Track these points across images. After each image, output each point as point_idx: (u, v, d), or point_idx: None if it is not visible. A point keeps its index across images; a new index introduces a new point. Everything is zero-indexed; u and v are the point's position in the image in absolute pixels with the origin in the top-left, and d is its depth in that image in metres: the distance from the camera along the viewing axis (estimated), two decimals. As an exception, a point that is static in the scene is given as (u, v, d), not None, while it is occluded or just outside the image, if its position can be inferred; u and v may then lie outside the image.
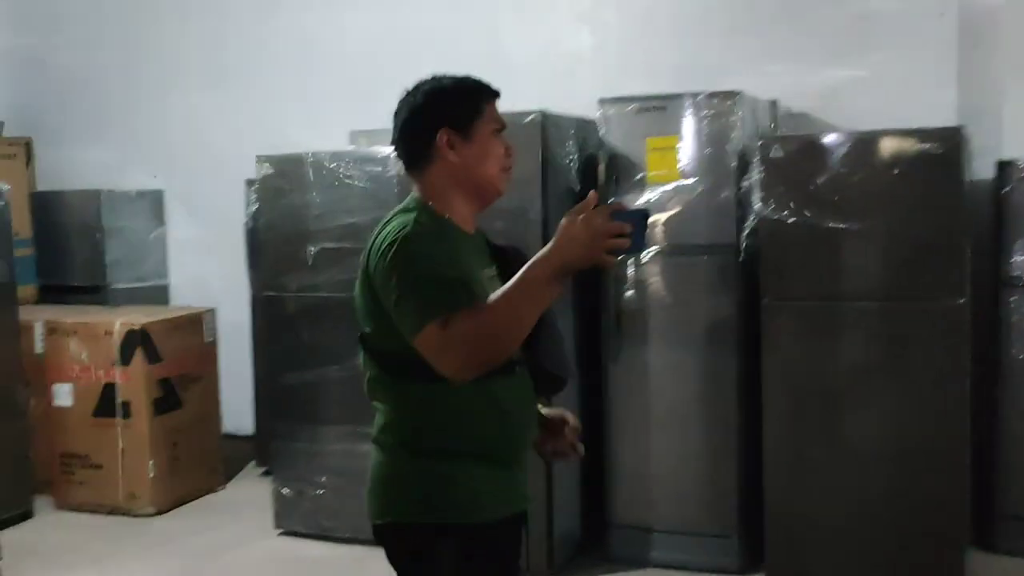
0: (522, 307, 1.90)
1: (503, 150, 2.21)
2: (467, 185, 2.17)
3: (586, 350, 4.55)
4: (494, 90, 2.24)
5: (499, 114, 2.22)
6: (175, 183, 6.51)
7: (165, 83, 6.46)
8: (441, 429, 2.09)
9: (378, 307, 2.07)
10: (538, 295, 1.90)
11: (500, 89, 2.25)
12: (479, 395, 2.06)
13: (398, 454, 2.14)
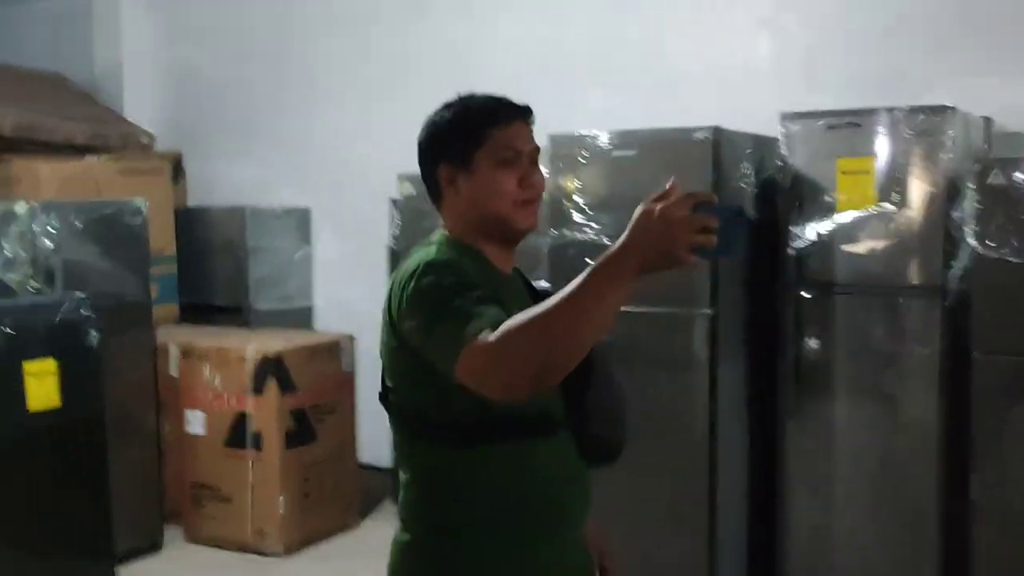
0: (584, 308, 1.55)
1: (514, 182, 1.86)
2: (478, 223, 1.90)
3: (757, 401, 4.03)
4: (509, 111, 1.91)
5: (516, 139, 1.88)
6: (322, 201, 6.25)
7: (311, 98, 6.21)
8: (469, 504, 1.83)
9: (403, 355, 1.80)
10: (604, 296, 1.55)
11: (527, 106, 1.94)
12: (512, 462, 1.82)
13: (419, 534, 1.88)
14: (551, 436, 1.85)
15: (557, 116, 4.71)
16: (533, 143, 1.92)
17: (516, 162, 1.88)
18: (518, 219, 1.88)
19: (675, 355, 3.87)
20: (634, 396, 3.84)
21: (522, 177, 1.88)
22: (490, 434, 1.80)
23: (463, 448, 1.80)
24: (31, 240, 4.41)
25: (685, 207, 1.53)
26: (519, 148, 1.89)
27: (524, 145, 1.90)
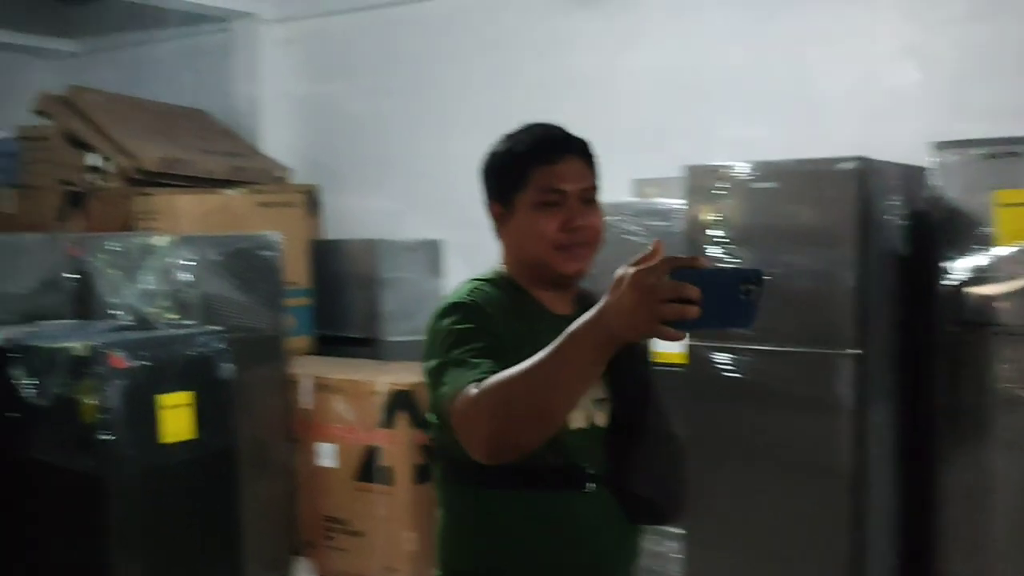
0: (553, 377, 1.49)
1: (555, 225, 1.76)
2: (524, 264, 1.86)
3: (908, 449, 3.79)
4: (555, 148, 1.81)
5: (561, 179, 1.78)
6: (453, 233, 6.22)
7: (445, 130, 6.21)
8: (485, 550, 1.80)
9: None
10: (572, 365, 1.48)
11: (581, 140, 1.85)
12: (533, 512, 1.76)
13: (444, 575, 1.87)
14: (581, 490, 1.77)
15: (694, 146, 4.61)
16: (587, 181, 1.83)
17: (560, 203, 1.80)
18: (558, 263, 1.80)
19: (819, 398, 3.67)
20: (773, 441, 3.70)
21: (566, 220, 1.79)
22: (511, 480, 1.73)
23: (484, 492, 1.76)
24: (169, 273, 4.49)
25: (659, 273, 1.40)
26: (563, 188, 1.80)
27: (572, 184, 1.80)
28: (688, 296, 1.38)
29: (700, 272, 1.43)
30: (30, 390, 3.98)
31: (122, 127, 5.96)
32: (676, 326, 1.42)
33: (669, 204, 4.06)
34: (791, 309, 3.66)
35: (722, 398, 3.81)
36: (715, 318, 1.44)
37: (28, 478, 4.05)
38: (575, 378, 1.49)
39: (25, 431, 4.03)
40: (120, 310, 4.59)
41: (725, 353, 3.76)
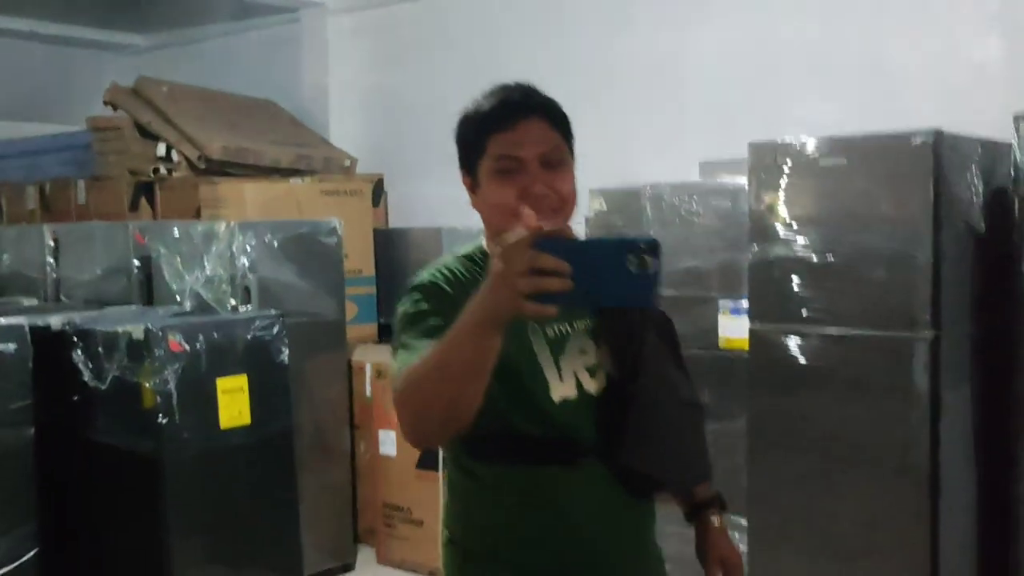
0: (444, 362, 1.44)
1: (512, 194, 1.67)
2: (493, 235, 1.74)
3: (987, 436, 3.60)
4: (510, 112, 1.71)
5: (517, 144, 1.66)
6: (518, 220, 6.15)
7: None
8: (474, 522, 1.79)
9: None
10: (460, 348, 1.42)
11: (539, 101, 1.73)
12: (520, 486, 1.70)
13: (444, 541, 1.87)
14: (573, 463, 1.70)
15: (765, 126, 4.45)
16: (548, 144, 1.71)
17: (518, 170, 1.68)
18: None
19: (892, 384, 3.50)
20: (843, 429, 3.54)
21: (524, 187, 1.67)
22: (502, 455, 1.68)
23: (477, 467, 1.73)
24: (230, 258, 4.49)
25: (521, 246, 1.31)
26: (518, 155, 1.68)
27: (530, 149, 1.68)
28: (545, 267, 1.30)
29: (568, 242, 1.36)
30: (90, 373, 4.01)
31: (189, 117, 6.00)
32: (547, 301, 1.31)
33: (736, 184, 3.92)
34: (861, 291, 3.51)
35: (788, 385, 3.67)
36: (596, 292, 1.34)
37: (89, 459, 4.09)
38: (464, 361, 1.42)
39: (85, 413, 4.06)
40: (183, 296, 4.61)
41: (792, 337, 3.62)
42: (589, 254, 1.33)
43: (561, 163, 1.72)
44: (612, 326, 1.74)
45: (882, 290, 3.48)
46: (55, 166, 6.73)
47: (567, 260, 1.32)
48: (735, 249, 3.91)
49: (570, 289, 1.31)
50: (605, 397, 1.72)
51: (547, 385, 1.71)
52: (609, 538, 1.75)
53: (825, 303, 3.56)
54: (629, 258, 1.31)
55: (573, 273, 1.31)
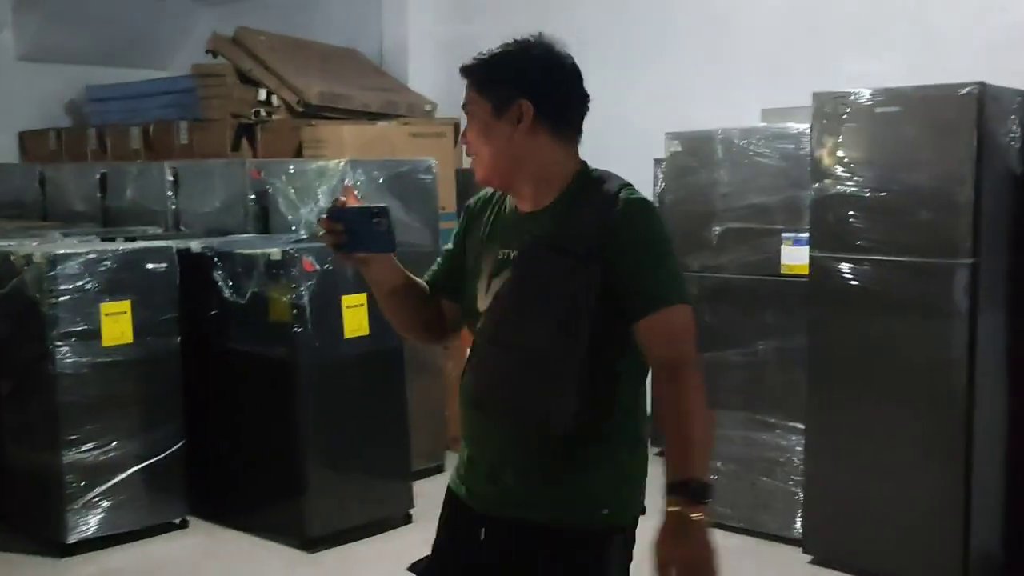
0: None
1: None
2: None
3: (1019, 354, 4.09)
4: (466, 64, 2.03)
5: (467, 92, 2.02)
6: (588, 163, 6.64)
7: (580, 62, 6.58)
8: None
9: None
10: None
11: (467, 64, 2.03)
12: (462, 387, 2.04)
13: None
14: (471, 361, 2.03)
15: (817, 77, 4.91)
16: (466, 101, 2.00)
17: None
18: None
19: (935, 305, 3.98)
20: (892, 344, 4.05)
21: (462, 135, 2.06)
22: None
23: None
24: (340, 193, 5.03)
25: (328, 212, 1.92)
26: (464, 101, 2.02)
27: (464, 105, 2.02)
28: (327, 228, 1.90)
29: (340, 210, 1.91)
30: (229, 290, 4.59)
31: (286, 64, 6.53)
32: (340, 250, 1.94)
33: (796, 128, 4.40)
34: (909, 224, 3.98)
35: (843, 306, 4.15)
36: (362, 244, 1.92)
37: (227, 365, 4.69)
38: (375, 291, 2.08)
39: (224, 325, 4.66)
40: (298, 225, 5.17)
41: (847, 264, 4.11)
42: (351, 218, 1.91)
43: (471, 115, 2.00)
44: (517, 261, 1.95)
45: (928, 223, 3.97)
46: (154, 109, 7.24)
47: (343, 222, 1.91)
48: (797, 187, 4.40)
49: (344, 241, 1.92)
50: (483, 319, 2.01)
51: (475, 297, 2.03)
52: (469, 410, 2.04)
53: (877, 234, 4.05)
54: (374, 220, 1.91)
55: (346, 230, 1.91)
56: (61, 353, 4.29)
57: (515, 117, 1.94)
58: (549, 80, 1.99)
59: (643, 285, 1.89)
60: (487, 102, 1.97)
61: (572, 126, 2.03)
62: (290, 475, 4.44)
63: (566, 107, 2.01)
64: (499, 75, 1.97)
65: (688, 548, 1.75)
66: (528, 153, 1.96)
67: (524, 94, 1.95)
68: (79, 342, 4.32)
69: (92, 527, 4.41)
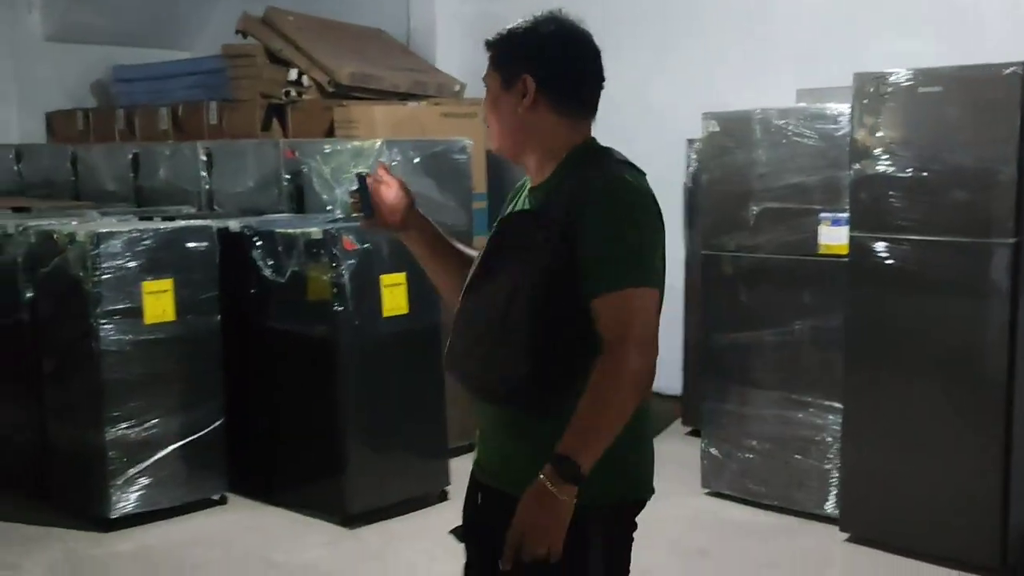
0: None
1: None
2: None
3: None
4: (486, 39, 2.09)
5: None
6: (615, 142, 6.64)
7: (608, 43, 6.58)
8: None
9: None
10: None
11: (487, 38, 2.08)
12: None
13: None
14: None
15: (853, 57, 4.91)
16: (484, 73, 2.08)
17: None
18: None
19: (974, 285, 3.98)
20: (930, 325, 4.06)
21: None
22: None
23: None
24: (378, 173, 5.06)
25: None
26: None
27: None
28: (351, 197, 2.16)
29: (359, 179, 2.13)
30: (269, 269, 4.62)
31: (317, 45, 6.54)
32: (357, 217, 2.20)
33: (836, 109, 4.40)
34: (950, 203, 3.99)
35: (882, 286, 4.15)
36: (366, 210, 2.13)
37: (266, 343, 4.72)
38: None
39: (264, 303, 4.69)
40: (333, 205, 5.19)
41: (886, 244, 4.11)
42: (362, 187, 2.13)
43: (486, 88, 2.07)
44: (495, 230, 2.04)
45: (968, 203, 3.97)
46: (181, 90, 7.27)
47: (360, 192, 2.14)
48: (835, 167, 4.41)
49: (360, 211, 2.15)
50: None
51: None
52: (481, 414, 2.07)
53: (917, 214, 4.06)
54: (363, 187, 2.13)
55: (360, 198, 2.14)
56: (105, 331, 4.33)
57: (520, 91, 1.99)
58: (555, 56, 2.01)
59: (599, 264, 1.87)
60: (498, 76, 2.03)
61: (579, 102, 2.04)
62: (330, 453, 4.48)
63: (572, 83, 2.03)
64: (508, 50, 2.02)
65: (535, 516, 1.80)
66: (532, 127, 2.00)
67: (529, 69, 1.98)
68: (122, 320, 4.36)
69: (134, 503, 4.47)
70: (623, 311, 1.84)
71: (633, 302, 1.84)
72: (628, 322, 1.83)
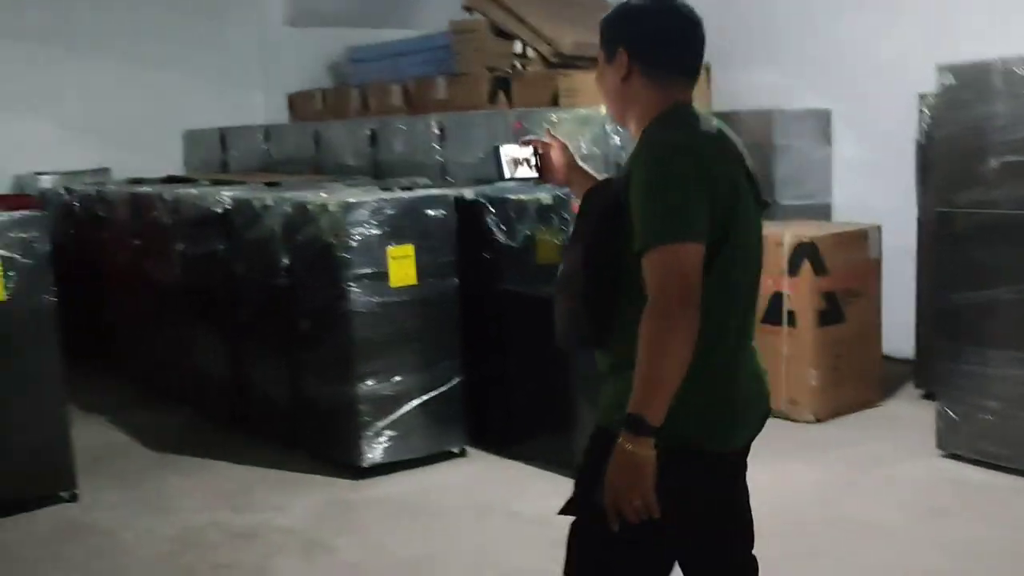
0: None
1: None
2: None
3: None
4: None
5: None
6: (843, 103, 6.55)
7: (837, 4, 6.48)
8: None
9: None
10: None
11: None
12: None
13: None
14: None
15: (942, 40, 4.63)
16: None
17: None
18: None
19: None
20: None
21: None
22: None
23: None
24: (604, 139, 5.19)
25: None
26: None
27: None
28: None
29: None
30: (503, 234, 4.85)
31: (538, 17, 6.72)
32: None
33: None
34: None
35: None
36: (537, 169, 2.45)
37: (500, 305, 4.96)
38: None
39: (497, 267, 4.92)
40: (560, 172, 5.36)
41: None
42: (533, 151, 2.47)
43: (598, 63, 2.27)
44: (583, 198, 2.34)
45: None
46: (413, 66, 7.62)
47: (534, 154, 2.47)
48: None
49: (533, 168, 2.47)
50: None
51: None
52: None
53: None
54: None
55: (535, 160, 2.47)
56: (354, 294, 4.66)
57: (618, 64, 2.18)
58: (645, 30, 2.18)
59: (639, 224, 2.01)
60: (603, 51, 2.24)
61: (670, 70, 2.17)
62: (561, 408, 4.67)
63: (662, 54, 2.17)
64: (606, 27, 2.24)
65: (619, 477, 1.99)
66: (628, 95, 2.19)
67: (622, 43, 2.17)
68: (370, 283, 4.68)
69: (381, 453, 4.80)
70: (658, 268, 1.97)
71: (667, 258, 1.96)
72: (662, 278, 1.96)
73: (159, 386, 6.46)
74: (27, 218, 4.56)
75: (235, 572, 3.95)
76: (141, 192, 6.50)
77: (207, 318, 5.84)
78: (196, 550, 4.14)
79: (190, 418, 5.95)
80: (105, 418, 5.97)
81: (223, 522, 4.40)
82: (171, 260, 6.04)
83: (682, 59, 2.19)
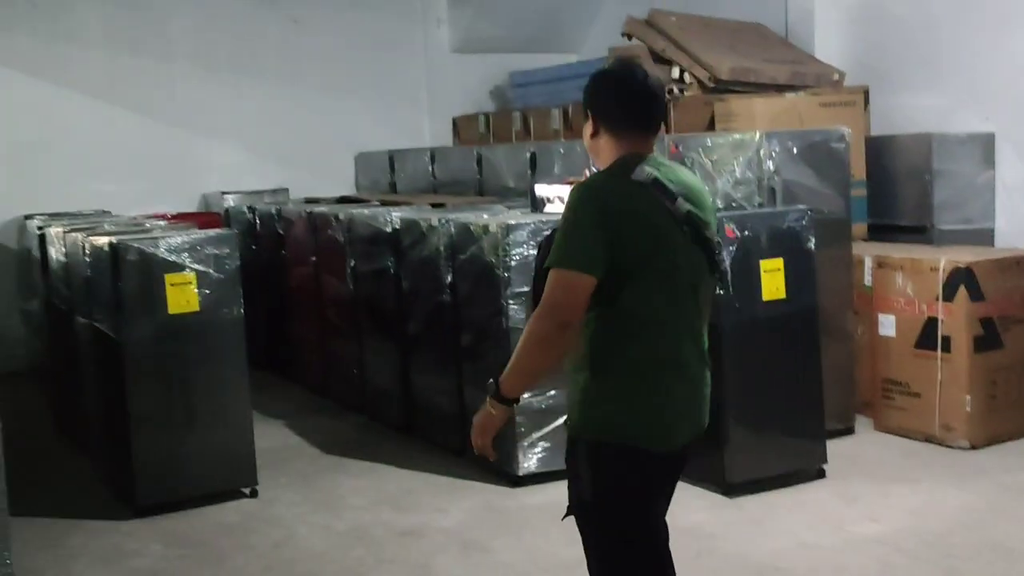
0: None
1: None
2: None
3: None
4: None
5: None
6: (1008, 126, 6.46)
7: (997, 25, 6.41)
8: None
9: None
10: None
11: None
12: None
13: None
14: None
15: None
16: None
17: None
18: None
19: None
20: None
21: None
22: None
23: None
24: (758, 163, 5.31)
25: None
26: None
27: None
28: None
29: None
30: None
31: (697, 43, 6.88)
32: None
33: None
34: None
35: None
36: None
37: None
38: None
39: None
40: (713, 195, 5.49)
41: None
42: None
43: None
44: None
45: None
46: (573, 91, 7.87)
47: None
48: None
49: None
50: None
51: None
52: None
53: None
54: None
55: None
56: (513, 310, 4.93)
57: (589, 123, 2.66)
58: (604, 98, 2.63)
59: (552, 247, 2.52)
60: (582, 111, 2.70)
61: (627, 126, 2.58)
62: (712, 426, 4.75)
63: (619, 116, 2.59)
64: (583, 93, 2.70)
65: (476, 418, 2.64)
66: (596, 147, 2.66)
67: (590, 107, 2.66)
68: (527, 302, 4.93)
69: (536, 463, 5.04)
70: (551, 284, 2.46)
71: (559, 278, 2.44)
72: (551, 292, 2.45)
73: (333, 394, 6.91)
74: (220, 236, 5.01)
75: (399, 567, 4.25)
76: (317, 212, 6.96)
77: (378, 331, 6.23)
78: (364, 546, 4.47)
79: (361, 424, 6.36)
80: (284, 423, 6.45)
81: (389, 521, 4.72)
82: (344, 276, 6.47)
83: (637, 119, 2.60)
